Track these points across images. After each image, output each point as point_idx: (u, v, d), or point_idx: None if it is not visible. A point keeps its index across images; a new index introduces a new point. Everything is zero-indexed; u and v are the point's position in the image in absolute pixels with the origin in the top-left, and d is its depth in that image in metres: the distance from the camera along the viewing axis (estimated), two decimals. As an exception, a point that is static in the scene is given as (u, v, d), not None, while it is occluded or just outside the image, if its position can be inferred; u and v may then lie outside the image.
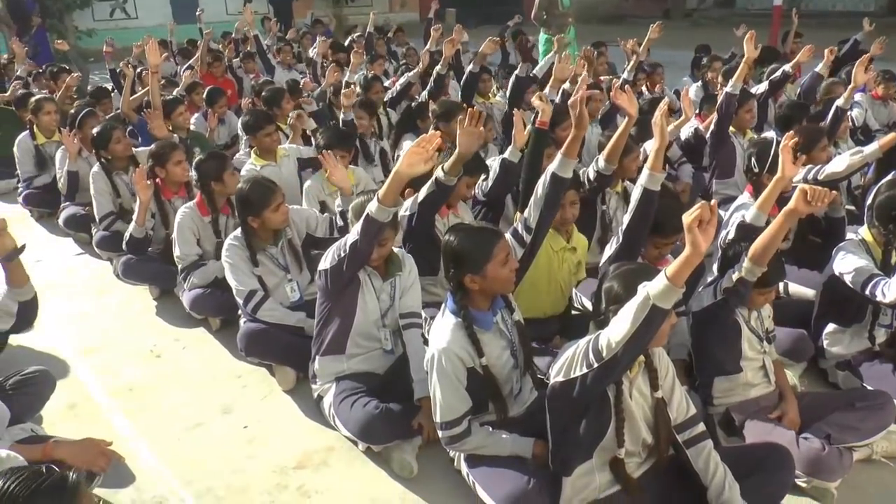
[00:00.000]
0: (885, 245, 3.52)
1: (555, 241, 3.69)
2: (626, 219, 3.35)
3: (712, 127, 5.55)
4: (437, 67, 6.92)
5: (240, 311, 3.98)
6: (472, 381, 2.75)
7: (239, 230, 3.95)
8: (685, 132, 5.93)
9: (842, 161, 4.22)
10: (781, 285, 4.20)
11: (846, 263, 3.47)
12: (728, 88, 5.39)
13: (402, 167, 2.83)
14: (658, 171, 3.19)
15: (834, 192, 2.98)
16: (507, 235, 3.27)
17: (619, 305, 2.27)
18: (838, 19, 21.24)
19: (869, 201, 3.62)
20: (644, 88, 8.08)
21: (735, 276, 2.98)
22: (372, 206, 2.95)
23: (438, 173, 3.67)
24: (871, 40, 8.26)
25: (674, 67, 9.14)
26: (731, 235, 3.55)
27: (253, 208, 3.83)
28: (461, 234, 2.77)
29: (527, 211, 3.33)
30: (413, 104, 6.60)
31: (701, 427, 2.63)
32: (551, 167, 3.25)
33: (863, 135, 6.78)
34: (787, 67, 6.65)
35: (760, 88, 6.75)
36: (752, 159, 4.22)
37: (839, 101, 5.35)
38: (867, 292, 3.35)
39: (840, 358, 3.67)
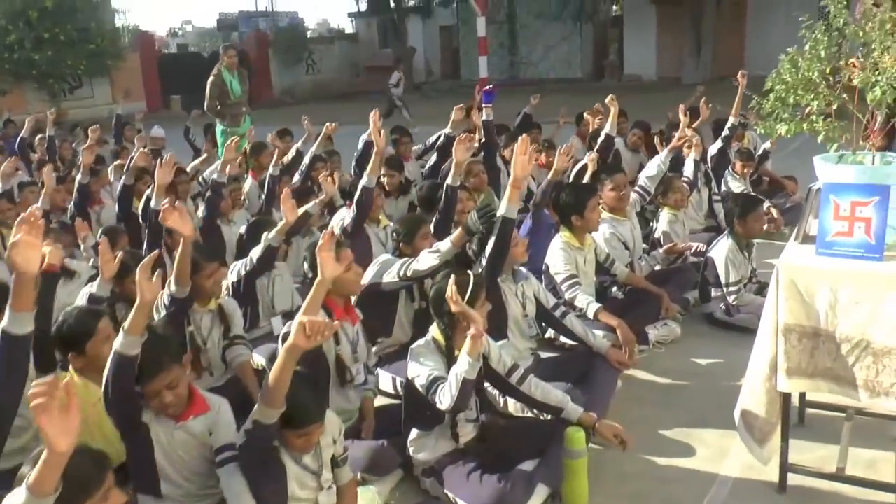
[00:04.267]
0: (447, 340, 3.42)
1: (92, 394, 3.26)
2: None
3: (347, 222, 5.40)
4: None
5: None
6: None
7: None
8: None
9: (424, 259, 4.17)
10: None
11: (414, 369, 3.36)
12: (363, 182, 5.24)
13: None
14: None
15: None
16: None
17: None
18: (553, 85, 23.29)
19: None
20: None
21: (254, 419, 2.72)
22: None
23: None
24: (536, 110, 9.02)
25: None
26: None
27: None
28: None
29: None
30: None
31: None
32: None
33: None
34: (447, 131, 6.89)
35: (433, 158, 6.87)
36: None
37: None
38: (432, 399, 3.23)
39: (426, 464, 3.48)
